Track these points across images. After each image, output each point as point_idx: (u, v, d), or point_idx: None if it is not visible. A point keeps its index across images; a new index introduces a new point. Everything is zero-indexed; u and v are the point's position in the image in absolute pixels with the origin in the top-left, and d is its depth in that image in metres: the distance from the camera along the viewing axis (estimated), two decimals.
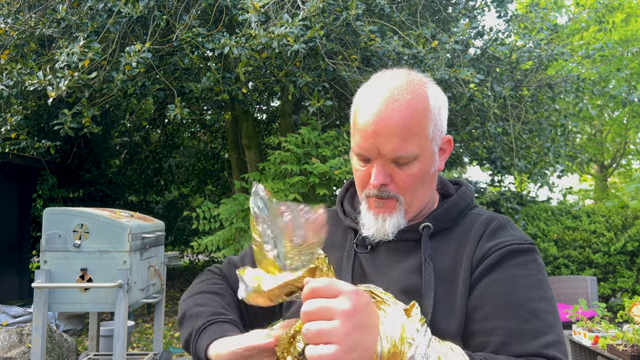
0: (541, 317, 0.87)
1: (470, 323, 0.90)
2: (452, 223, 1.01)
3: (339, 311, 0.71)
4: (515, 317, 0.87)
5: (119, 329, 3.06)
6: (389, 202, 0.97)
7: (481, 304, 0.90)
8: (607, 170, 16.12)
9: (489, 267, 0.92)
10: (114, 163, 9.82)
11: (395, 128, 0.91)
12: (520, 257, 0.93)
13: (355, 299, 0.72)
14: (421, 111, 0.94)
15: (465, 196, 1.06)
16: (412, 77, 0.98)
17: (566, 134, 7.22)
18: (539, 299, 0.89)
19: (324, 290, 0.73)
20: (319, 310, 0.72)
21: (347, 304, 0.71)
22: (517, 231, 0.99)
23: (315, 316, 0.72)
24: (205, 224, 5.39)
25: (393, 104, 0.92)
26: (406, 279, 0.95)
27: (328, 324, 0.70)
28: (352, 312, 0.71)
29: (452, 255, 0.96)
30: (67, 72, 4.54)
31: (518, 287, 0.90)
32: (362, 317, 0.72)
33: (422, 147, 0.94)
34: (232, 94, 5.32)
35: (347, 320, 0.70)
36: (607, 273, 6.22)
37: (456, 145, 7.66)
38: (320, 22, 4.56)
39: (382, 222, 0.98)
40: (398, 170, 0.95)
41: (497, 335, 0.86)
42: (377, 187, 0.96)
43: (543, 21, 6.09)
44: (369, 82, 1.01)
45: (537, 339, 0.85)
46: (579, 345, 3.35)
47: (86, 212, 3.17)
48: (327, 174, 4.92)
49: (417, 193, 0.98)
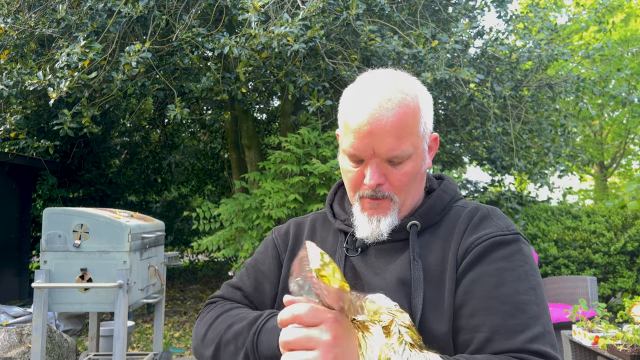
0: (526, 309, 0.86)
1: (456, 319, 0.90)
2: (438, 218, 1.01)
3: (320, 342, 0.72)
4: (500, 312, 0.86)
5: (119, 329, 3.05)
6: (383, 202, 0.98)
7: (466, 300, 0.90)
8: (607, 170, 16.12)
9: (473, 261, 0.92)
10: (114, 163, 9.81)
11: (391, 127, 0.92)
12: (505, 249, 0.92)
13: (336, 328, 0.73)
14: (413, 110, 0.95)
15: (448, 189, 1.06)
16: (400, 76, 1.00)
17: (566, 134, 7.22)
18: (524, 291, 0.88)
19: (305, 318, 0.74)
20: (301, 341, 0.73)
21: (327, 334, 0.72)
22: (503, 220, 0.98)
23: (296, 346, 0.73)
24: (205, 224, 5.38)
25: (387, 103, 0.93)
26: (397, 279, 0.95)
27: (309, 354, 0.72)
28: (332, 343, 0.72)
29: (439, 252, 0.96)
30: (67, 72, 4.54)
31: (503, 281, 0.89)
32: (342, 347, 0.73)
33: (415, 145, 0.96)
34: (232, 94, 5.32)
35: (328, 352, 0.72)
36: (607, 273, 6.22)
37: (456, 145, 7.66)
38: (320, 22, 4.56)
39: (377, 223, 0.98)
40: (392, 169, 0.96)
41: (481, 331, 0.86)
42: (372, 188, 0.96)
43: (543, 21, 6.09)
44: (358, 83, 1.02)
45: (521, 334, 0.84)
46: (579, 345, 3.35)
47: (86, 212, 3.17)
48: (327, 174, 4.92)
49: (410, 192, 0.99)
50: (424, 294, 0.92)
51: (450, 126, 7.13)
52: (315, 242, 1.08)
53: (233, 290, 1.12)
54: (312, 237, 1.12)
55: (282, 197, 4.84)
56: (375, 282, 0.96)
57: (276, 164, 5.20)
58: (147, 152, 9.89)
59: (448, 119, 7.21)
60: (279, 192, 4.92)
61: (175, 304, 7.58)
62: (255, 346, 0.91)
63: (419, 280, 0.93)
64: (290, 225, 1.17)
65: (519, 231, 0.96)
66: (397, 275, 0.95)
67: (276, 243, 1.15)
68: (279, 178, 5.21)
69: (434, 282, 0.93)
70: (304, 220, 1.17)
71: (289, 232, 1.15)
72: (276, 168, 5.18)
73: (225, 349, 0.97)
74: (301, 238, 1.13)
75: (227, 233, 5.15)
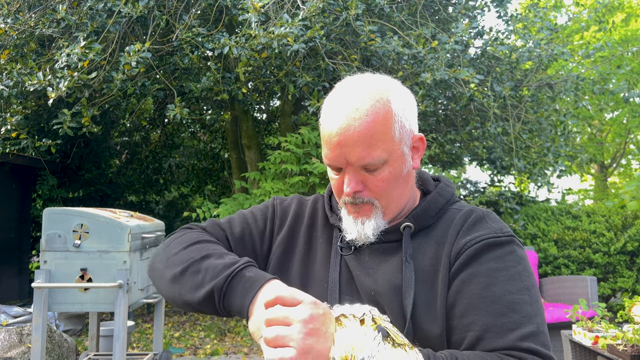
0: (518, 309, 0.87)
1: (449, 320, 0.91)
2: (433, 220, 1.02)
3: (297, 318, 0.77)
4: (491, 311, 0.86)
5: (119, 329, 3.05)
6: (364, 207, 0.99)
7: (458, 300, 0.90)
8: (607, 170, 16.11)
9: (465, 262, 0.92)
10: (114, 163, 9.81)
11: (359, 137, 0.92)
12: (498, 250, 0.93)
13: (312, 308, 0.78)
14: (383, 116, 0.94)
15: (444, 192, 1.06)
16: (373, 82, 0.98)
17: (566, 134, 7.22)
18: (517, 291, 0.88)
19: (287, 299, 0.80)
20: (280, 318, 0.78)
21: (304, 312, 0.77)
22: (497, 223, 0.98)
23: (275, 322, 0.78)
24: None
25: (354, 113, 0.93)
26: (389, 280, 0.95)
27: (286, 329, 0.77)
28: (308, 320, 0.77)
29: (432, 254, 0.97)
30: (66, 73, 4.54)
31: (495, 280, 0.89)
32: (317, 324, 0.77)
33: (389, 150, 0.95)
34: (232, 94, 5.32)
35: (304, 326, 0.76)
36: (607, 273, 6.22)
37: (456, 145, 7.65)
38: (320, 22, 4.56)
39: (362, 225, 0.99)
40: (369, 175, 0.96)
41: (472, 330, 0.87)
42: (350, 195, 0.97)
43: (543, 21, 6.09)
44: (333, 91, 1.01)
45: (512, 332, 0.84)
46: (579, 345, 3.35)
47: (86, 212, 3.17)
48: (327, 174, 4.91)
49: (393, 195, 0.99)
50: (417, 296, 0.92)
51: (450, 126, 7.13)
52: (315, 225, 1.11)
53: (218, 228, 1.11)
54: (313, 219, 1.12)
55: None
56: (367, 282, 0.97)
57: (276, 164, 5.20)
58: (147, 152, 9.89)
59: (448, 119, 7.21)
60: (279, 192, 4.92)
61: None
62: (224, 290, 0.89)
63: (410, 281, 0.93)
64: (294, 201, 1.17)
65: (513, 234, 0.97)
66: (389, 276, 0.96)
67: (275, 210, 1.15)
68: (279, 178, 5.22)
69: (426, 283, 0.94)
70: (306, 200, 1.18)
71: (290, 207, 1.16)
72: (276, 168, 5.18)
73: (191, 277, 0.94)
74: (302, 217, 1.13)
75: None
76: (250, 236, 1.11)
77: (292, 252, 1.09)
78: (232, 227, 1.11)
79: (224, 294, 0.90)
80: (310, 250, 1.08)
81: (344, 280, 1.00)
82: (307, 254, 1.08)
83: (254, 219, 1.14)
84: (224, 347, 5.38)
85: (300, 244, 1.09)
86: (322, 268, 1.04)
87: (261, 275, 0.90)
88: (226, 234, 1.10)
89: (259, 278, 0.89)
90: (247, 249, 1.09)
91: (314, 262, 1.06)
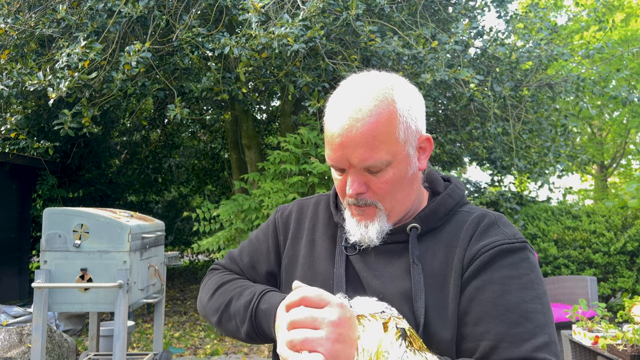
0: (532, 318, 0.86)
1: (461, 327, 0.89)
2: (441, 222, 0.99)
3: (325, 321, 0.74)
4: (506, 320, 0.85)
5: (119, 329, 3.05)
6: (368, 210, 0.97)
7: (471, 307, 0.89)
8: (607, 170, 16.12)
9: (479, 269, 0.90)
10: (114, 163, 9.81)
11: (361, 138, 0.89)
12: (511, 257, 0.91)
13: (341, 311, 0.76)
14: (387, 117, 0.90)
15: (454, 194, 1.03)
16: (378, 81, 0.95)
17: (566, 134, 7.22)
18: (530, 300, 0.87)
19: (314, 300, 0.77)
20: (307, 320, 0.75)
21: (334, 315, 0.75)
22: (510, 228, 0.96)
23: (302, 324, 0.75)
24: (206, 225, 5.39)
25: (356, 113, 0.90)
26: (397, 282, 0.94)
27: (314, 332, 0.74)
28: (337, 323, 0.74)
29: (443, 257, 0.94)
30: (67, 73, 4.54)
31: (509, 289, 0.88)
32: (345, 329, 0.75)
33: (393, 152, 0.92)
34: (232, 94, 5.32)
35: (333, 331, 0.74)
36: (607, 273, 6.22)
37: (456, 145, 7.66)
38: (320, 22, 4.57)
39: (365, 228, 0.97)
40: (372, 177, 0.94)
41: (486, 339, 0.85)
42: (352, 197, 0.95)
43: (543, 21, 6.09)
44: (337, 90, 0.98)
45: (527, 342, 0.83)
46: (579, 345, 3.35)
47: (86, 212, 3.17)
48: (326, 173, 4.92)
49: (396, 197, 0.97)
50: (427, 300, 0.90)
51: (450, 126, 7.13)
52: (317, 226, 1.10)
53: (233, 263, 1.18)
54: (314, 221, 1.12)
55: (282, 197, 4.84)
56: (375, 285, 0.95)
57: (275, 164, 5.20)
58: (147, 152, 9.89)
59: (448, 119, 7.21)
60: (279, 192, 4.92)
61: (175, 304, 7.59)
62: (255, 329, 0.97)
63: (420, 284, 0.91)
64: (294, 209, 1.17)
65: (525, 239, 0.95)
66: (397, 279, 0.94)
67: (277, 225, 1.16)
68: (279, 178, 5.22)
69: (437, 287, 0.92)
70: (307, 203, 1.17)
71: (292, 215, 1.16)
72: (275, 168, 5.18)
73: (227, 323, 1.04)
74: (304, 222, 1.13)
75: (227, 234, 5.16)
76: (259, 261, 1.15)
77: (297, 256, 1.09)
78: (242, 258, 1.17)
79: (256, 332, 0.97)
80: (314, 249, 1.07)
81: (350, 278, 0.99)
82: (310, 253, 1.07)
83: (259, 241, 1.17)
84: (224, 347, 5.38)
85: (303, 246, 1.09)
86: (327, 264, 1.03)
87: (273, 302, 0.95)
88: (240, 267, 1.17)
89: (271, 307, 0.95)
90: (260, 274, 1.14)
91: (317, 259, 1.05)
